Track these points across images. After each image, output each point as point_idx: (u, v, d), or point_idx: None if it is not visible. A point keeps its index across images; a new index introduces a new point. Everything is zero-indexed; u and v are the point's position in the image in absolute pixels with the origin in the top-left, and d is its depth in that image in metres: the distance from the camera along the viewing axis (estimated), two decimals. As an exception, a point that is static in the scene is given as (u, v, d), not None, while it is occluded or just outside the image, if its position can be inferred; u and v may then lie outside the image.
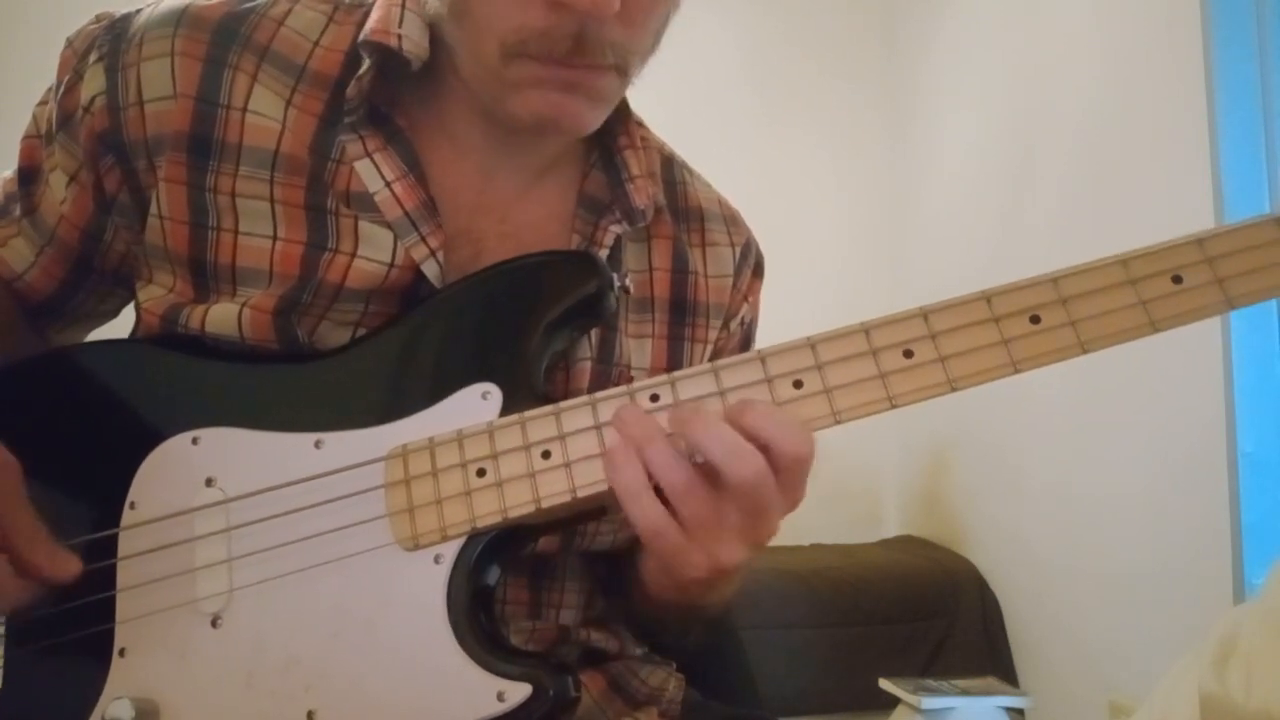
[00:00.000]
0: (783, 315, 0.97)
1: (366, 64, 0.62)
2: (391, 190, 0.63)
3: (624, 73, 0.61)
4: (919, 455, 3.18)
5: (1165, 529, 2.04)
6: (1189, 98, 1.96)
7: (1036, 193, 2.58)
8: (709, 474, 0.52)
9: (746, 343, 0.80)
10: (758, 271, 0.79)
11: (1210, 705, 0.66)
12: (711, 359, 0.74)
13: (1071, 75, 2.43)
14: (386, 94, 0.64)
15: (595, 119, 0.63)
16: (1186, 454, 1.97)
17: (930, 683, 2.36)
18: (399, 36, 0.62)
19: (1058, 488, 2.44)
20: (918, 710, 2.26)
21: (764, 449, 0.52)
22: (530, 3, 0.57)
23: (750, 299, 0.78)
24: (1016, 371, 0.54)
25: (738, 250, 0.77)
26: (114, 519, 0.59)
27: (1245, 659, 0.66)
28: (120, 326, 0.72)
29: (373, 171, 0.63)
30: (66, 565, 0.56)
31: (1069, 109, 2.43)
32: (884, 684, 2.39)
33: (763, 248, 0.80)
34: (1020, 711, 2.39)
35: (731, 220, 0.78)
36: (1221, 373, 1.86)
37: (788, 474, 0.53)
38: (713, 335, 0.74)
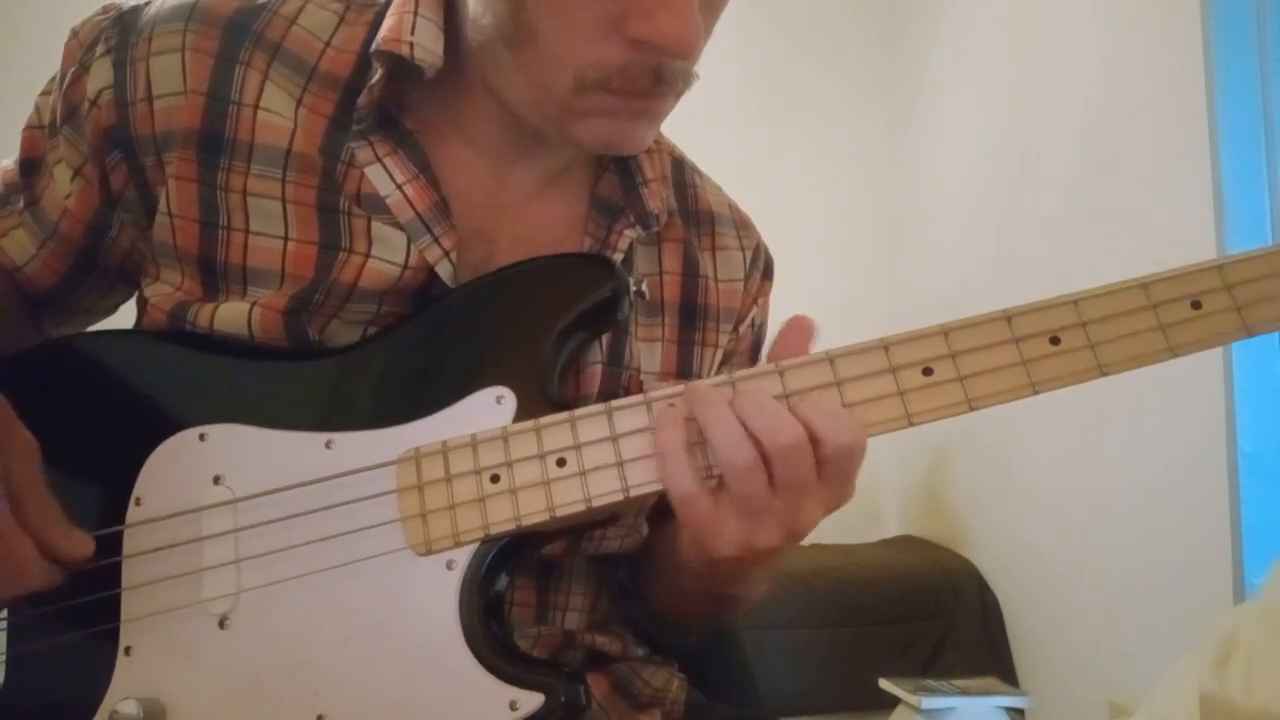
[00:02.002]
0: (784, 316, 0.97)
1: (378, 74, 0.61)
2: (403, 192, 0.63)
3: (681, 94, 0.62)
4: (919, 455, 3.18)
5: (1165, 529, 2.04)
6: (1189, 98, 1.96)
7: (1036, 194, 2.58)
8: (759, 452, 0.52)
9: (757, 346, 0.80)
10: (767, 274, 0.79)
11: (1210, 705, 0.66)
12: (722, 363, 0.75)
13: (1071, 76, 2.43)
14: (395, 96, 0.64)
15: (652, 138, 0.64)
16: (1186, 454, 1.97)
17: (930, 683, 2.37)
18: (411, 45, 0.61)
19: (1058, 488, 2.44)
20: (918, 710, 2.26)
21: (813, 440, 0.52)
22: (608, 39, 0.56)
23: (760, 301, 0.78)
24: (1035, 393, 0.54)
25: (748, 254, 0.77)
26: (119, 515, 0.58)
27: (1245, 659, 0.66)
28: (118, 320, 0.71)
29: (383, 176, 0.63)
30: (81, 545, 0.56)
31: (1069, 109, 2.44)
32: (884, 684, 2.39)
33: (764, 250, 0.80)
34: (1020, 711, 2.39)
35: (742, 224, 0.78)
36: (1221, 373, 1.86)
37: (832, 464, 0.53)
38: (723, 340, 0.74)
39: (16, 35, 2.83)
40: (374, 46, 0.62)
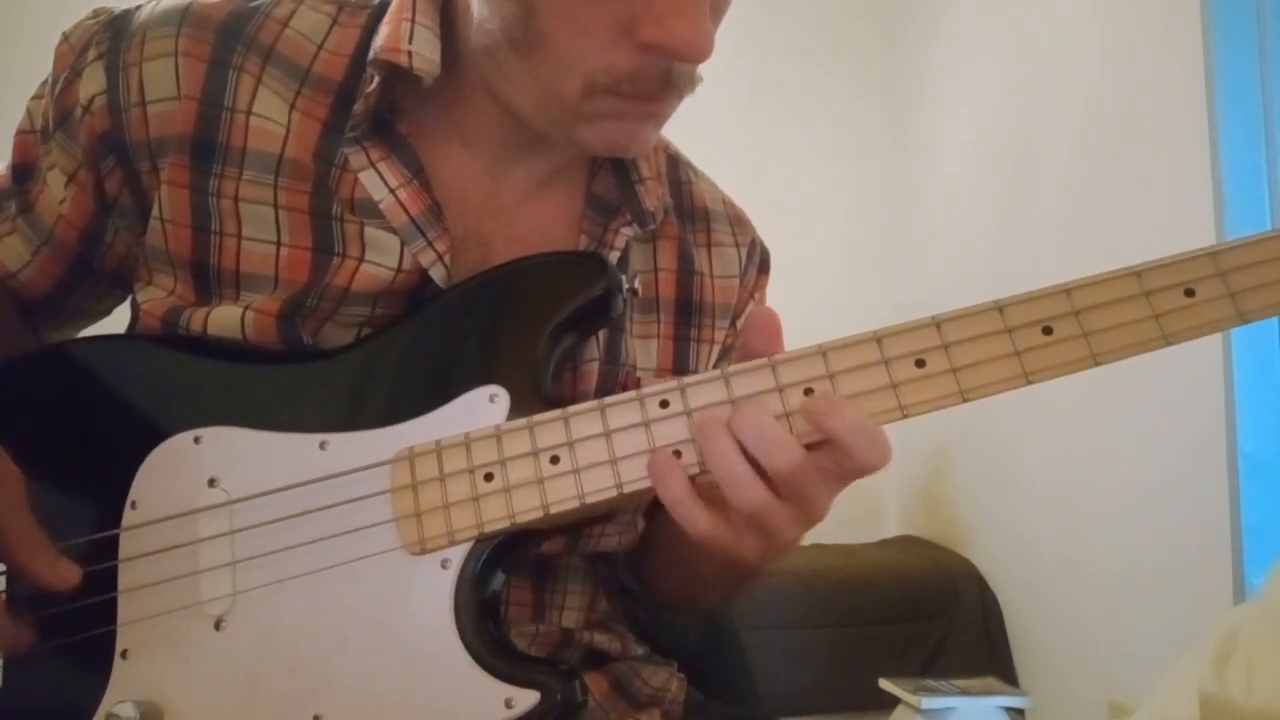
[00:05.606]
0: (783, 317, 0.97)
1: (375, 82, 0.61)
2: (396, 197, 0.63)
3: (685, 96, 0.62)
4: (919, 455, 3.18)
5: (1165, 529, 2.04)
6: (1189, 97, 1.96)
7: (1036, 193, 2.58)
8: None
9: None
10: (763, 268, 0.79)
11: (1210, 705, 0.66)
12: (720, 358, 0.75)
13: (1071, 76, 2.43)
14: (389, 100, 0.64)
15: (655, 139, 0.64)
16: (1186, 454, 1.97)
17: (930, 683, 2.36)
18: (409, 54, 0.61)
19: (1058, 488, 2.44)
20: (918, 710, 2.26)
21: (840, 453, 0.53)
22: (618, 44, 0.56)
23: (757, 295, 0.78)
24: (1029, 383, 0.54)
25: (743, 251, 0.77)
26: (115, 519, 0.58)
27: (1245, 659, 0.66)
28: (111, 323, 0.71)
29: (376, 180, 0.63)
30: (66, 574, 0.55)
31: (1069, 109, 2.43)
32: (884, 684, 2.39)
33: (764, 250, 0.80)
34: (1020, 711, 2.39)
35: (737, 220, 0.78)
36: (1221, 373, 1.86)
37: (849, 472, 0.54)
38: (719, 335, 0.74)
39: (17, 35, 2.83)
40: (371, 55, 0.62)
